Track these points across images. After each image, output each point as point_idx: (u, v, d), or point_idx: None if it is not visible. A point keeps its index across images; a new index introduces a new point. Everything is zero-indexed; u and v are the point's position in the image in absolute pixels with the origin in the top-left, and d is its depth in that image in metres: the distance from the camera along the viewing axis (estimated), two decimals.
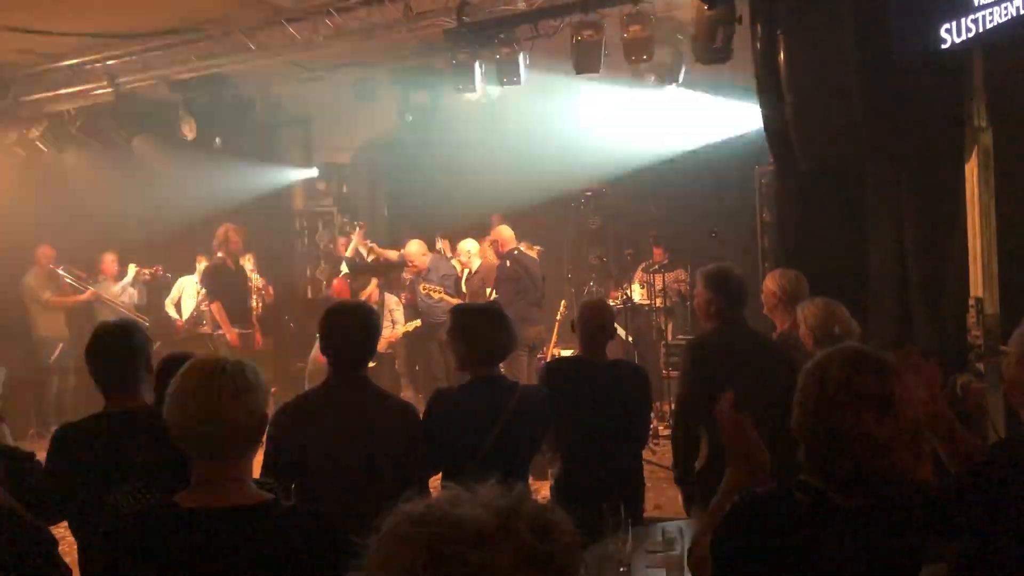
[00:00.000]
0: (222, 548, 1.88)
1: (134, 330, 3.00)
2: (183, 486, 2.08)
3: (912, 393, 1.85)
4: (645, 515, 4.13)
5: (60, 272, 8.90)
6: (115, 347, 2.93)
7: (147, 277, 9.21)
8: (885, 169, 5.46)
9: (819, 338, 4.06)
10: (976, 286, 5.08)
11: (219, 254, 8.34)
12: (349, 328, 3.12)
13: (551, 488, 3.98)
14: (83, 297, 8.85)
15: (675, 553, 2.79)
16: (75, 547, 2.85)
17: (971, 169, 5.10)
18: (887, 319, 5.44)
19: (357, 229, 9.52)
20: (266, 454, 2.96)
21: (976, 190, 5.03)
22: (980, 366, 4.95)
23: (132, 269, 9.09)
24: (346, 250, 9.43)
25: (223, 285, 8.31)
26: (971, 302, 5.07)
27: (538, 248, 9.38)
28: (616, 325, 8.34)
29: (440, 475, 3.48)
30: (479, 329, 3.39)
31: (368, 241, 9.22)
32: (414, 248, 8.39)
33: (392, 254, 8.98)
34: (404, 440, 3.15)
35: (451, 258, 8.75)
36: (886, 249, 5.52)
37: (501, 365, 3.58)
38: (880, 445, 1.77)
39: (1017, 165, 4.93)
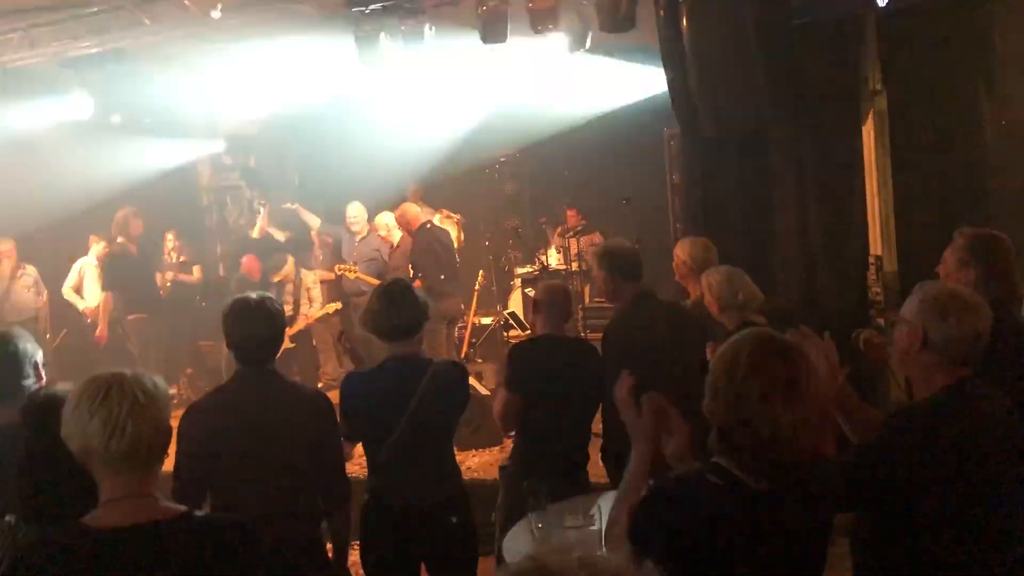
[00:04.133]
0: (139, 567, 1.85)
1: (19, 337, 2.85)
2: (76, 502, 2.02)
3: (818, 375, 1.91)
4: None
5: None
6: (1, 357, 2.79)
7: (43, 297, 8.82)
8: (787, 133, 5.61)
9: (723, 306, 4.16)
10: (875, 245, 5.29)
11: (119, 239, 8.07)
12: (252, 325, 3.07)
13: (511, 458, 4.11)
14: None
15: (594, 528, 2.86)
16: None
17: (867, 132, 5.28)
18: (793, 280, 5.63)
19: (262, 209, 9.33)
20: (177, 457, 2.91)
21: (873, 153, 5.22)
22: (881, 321, 5.18)
23: (32, 273, 8.71)
24: (246, 270, 9.27)
25: (122, 273, 8.06)
26: (871, 260, 5.28)
27: (458, 217, 9.36)
28: (532, 291, 8.49)
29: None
30: (382, 306, 3.42)
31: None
32: (357, 211, 8.28)
33: (314, 220, 8.89)
34: (317, 430, 3.16)
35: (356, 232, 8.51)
36: (790, 211, 5.69)
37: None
38: (787, 428, 1.83)
39: (912, 129, 5.13)
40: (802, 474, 1.93)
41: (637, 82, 8.87)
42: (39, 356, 2.84)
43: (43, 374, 2.77)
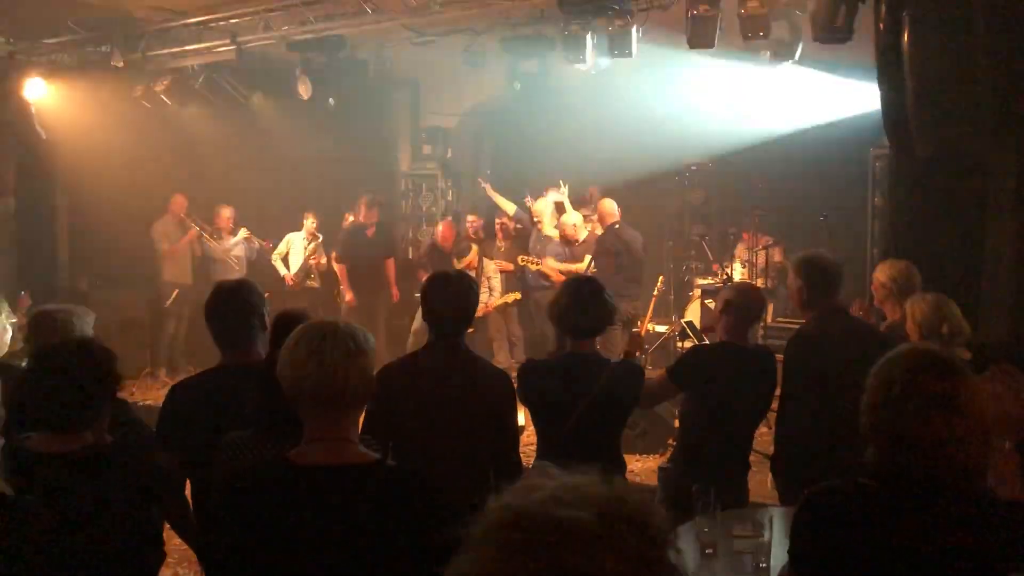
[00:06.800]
0: (332, 505, 1.98)
1: (250, 289, 3.14)
2: (291, 438, 2.20)
3: (982, 395, 1.83)
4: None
5: (190, 222, 9.32)
6: (232, 305, 3.07)
7: (255, 245, 9.56)
8: (1008, 159, 5.23)
9: (925, 335, 3.93)
10: None
11: (350, 217, 8.70)
12: (449, 297, 3.24)
13: (671, 460, 4.10)
14: (183, 241, 9.24)
15: (763, 540, 2.80)
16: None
17: None
18: (1000, 314, 5.25)
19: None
20: (367, 413, 3.08)
21: None
22: None
23: (243, 232, 9.45)
24: (440, 237, 9.64)
25: (353, 247, 8.76)
26: None
27: None
28: (712, 303, 8.35)
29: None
30: (570, 303, 3.48)
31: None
32: (543, 206, 8.55)
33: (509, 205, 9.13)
34: (498, 405, 3.27)
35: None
36: (1003, 241, 5.31)
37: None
38: (943, 446, 1.78)
39: None
40: (975, 500, 1.84)
41: (843, 98, 8.56)
42: (265, 308, 3.11)
43: (268, 324, 3.01)
